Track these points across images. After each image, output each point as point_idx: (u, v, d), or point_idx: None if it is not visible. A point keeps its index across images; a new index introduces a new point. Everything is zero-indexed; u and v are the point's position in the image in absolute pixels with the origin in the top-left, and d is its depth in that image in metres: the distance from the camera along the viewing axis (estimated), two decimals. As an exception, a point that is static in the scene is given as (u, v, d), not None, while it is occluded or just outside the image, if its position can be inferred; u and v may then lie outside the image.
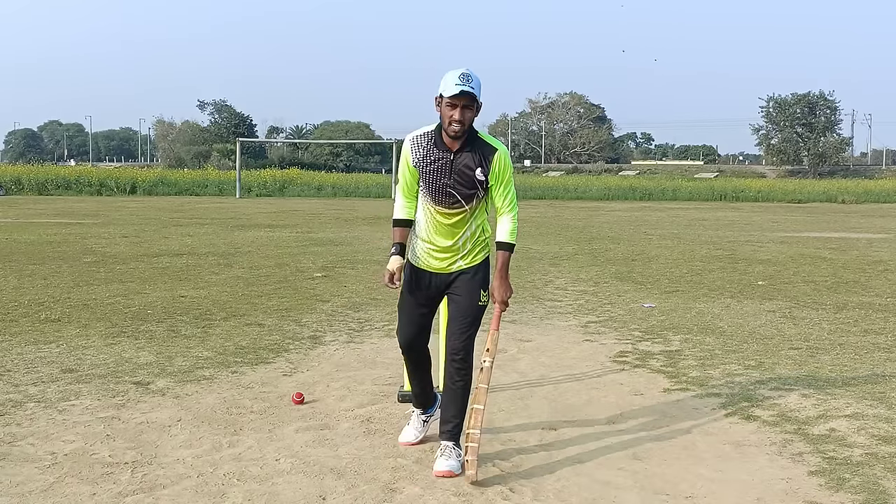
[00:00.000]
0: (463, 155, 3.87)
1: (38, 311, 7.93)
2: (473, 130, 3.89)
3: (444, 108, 3.80)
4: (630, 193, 42.66)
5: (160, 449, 4.24)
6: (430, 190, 3.93)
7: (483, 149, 3.89)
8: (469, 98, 3.75)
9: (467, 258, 4.06)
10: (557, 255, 13.77)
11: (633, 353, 6.53)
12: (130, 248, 13.80)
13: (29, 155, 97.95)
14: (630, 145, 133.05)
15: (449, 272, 4.05)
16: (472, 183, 3.88)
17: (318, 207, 29.40)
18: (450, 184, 3.88)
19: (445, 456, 3.96)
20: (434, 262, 4.06)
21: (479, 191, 3.91)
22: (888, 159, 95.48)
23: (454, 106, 3.76)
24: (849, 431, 4.58)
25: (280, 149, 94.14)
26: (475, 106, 3.82)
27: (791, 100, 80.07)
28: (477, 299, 4.04)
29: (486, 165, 3.87)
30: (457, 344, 4.00)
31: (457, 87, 3.73)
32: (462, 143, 3.87)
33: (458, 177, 3.87)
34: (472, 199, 3.94)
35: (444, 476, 3.89)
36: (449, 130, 3.82)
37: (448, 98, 3.76)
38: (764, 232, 19.64)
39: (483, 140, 3.92)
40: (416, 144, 3.95)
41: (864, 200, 41.11)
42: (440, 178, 3.89)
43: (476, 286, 4.04)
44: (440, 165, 3.89)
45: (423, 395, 4.34)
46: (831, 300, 9.11)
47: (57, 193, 37.81)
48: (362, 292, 9.34)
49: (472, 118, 3.83)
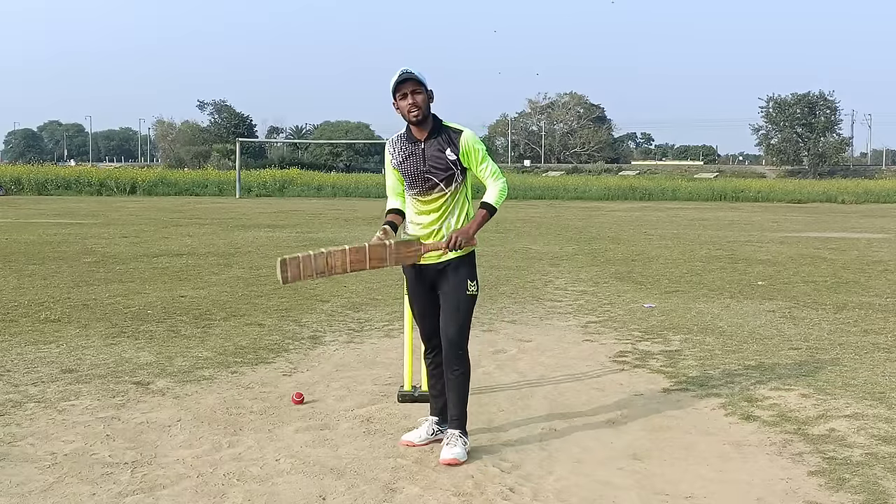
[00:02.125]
0: (431, 141, 4.16)
1: (38, 311, 7.93)
2: (438, 120, 4.19)
3: (399, 103, 4.09)
4: (630, 193, 42.63)
5: (160, 449, 4.24)
6: (411, 180, 4.19)
7: (449, 133, 4.17)
8: (413, 83, 4.05)
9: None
10: (557, 256, 13.77)
11: (633, 353, 6.53)
12: (130, 248, 13.80)
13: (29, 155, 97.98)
14: (630, 145, 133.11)
15: (438, 262, 4.21)
16: (446, 164, 4.13)
17: (318, 207, 29.41)
18: (425, 169, 4.15)
19: (451, 444, 4.09)
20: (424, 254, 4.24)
21: (454, 171, 4.15)
22: (888, 159, 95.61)
23: (404, 95, 4.06)
24: (849, 431, 4.58)
25: (280, 149, 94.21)
26: (424, 91, 4.07)
27: (791, 100, 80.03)
28: (465, 289, 4.22)
29: (454, 146, 4.14)
30: (451, 335, 4.19)
31: (399, 76, 4.05)
32: (429, 131, 4.15)
33: (432, 162, 4.14)
34: (451, 182, 4.17)
35: (449, 464, 3.99)
36: (410, 118, 4.10)
37: (397, 92, 4.06)
38: (764, 232, 19.64)
39: (448, 127, 4.20)
40: (392, 146, 4.27)
41: (863, 200, 41.09)
42: (417, 167, 4.16)
43: (463, 277, 4.23)
44: (414, 155, 4.17)
45: (442, 400, 4.37)
46: (831, 300, 9.11)
47: (57, 193, 37.81)
48: (362, 292, 9.34)
49: (426, 101, 4.09)
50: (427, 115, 4.11)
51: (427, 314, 4.33)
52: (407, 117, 4.10)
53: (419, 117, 4.07)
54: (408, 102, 4.05)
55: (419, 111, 4.06)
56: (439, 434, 4.36)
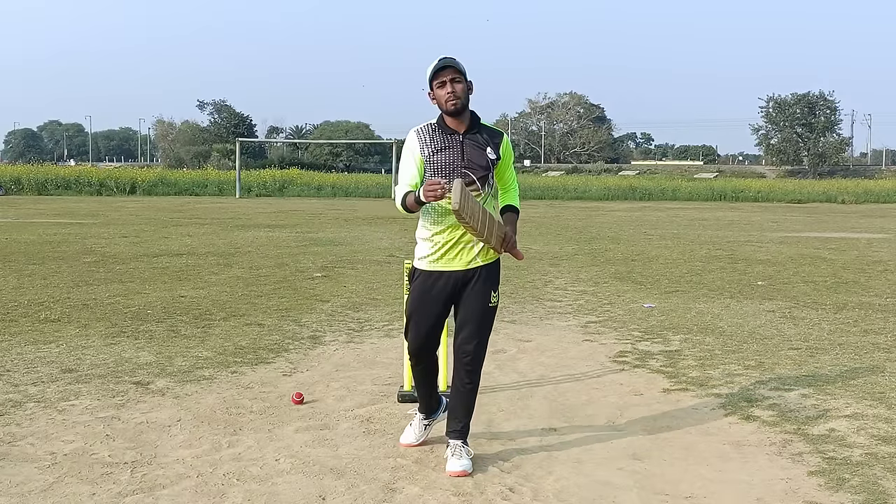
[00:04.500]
0: (471, 136, 3.94)
1: (37, 311, 7.93)
2: (476, 116, 3.98)
3: (437, 92, 3.87)
4: (630, 193, 42.63)
5: (160, 449, 4.24)
6: (443, 175, 3.88)
7: (490, 132, 4.00)
8: (453, 70, 3.83)
9: (484, 253, 4.00)
10: (557, 256, 13.77)
11: (633, 353, 6.53)
12: (130, 248, 13.79)
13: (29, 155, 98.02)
14: (630, 145, 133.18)
15: (466, 269, 3.98)
16: (486, 163, 3.94)
17: (318, 207, 29.40)
18: (464, 164, 3.91)
19: (457, 456, 3.99)
20: (452, 258, 3.98)
21: (490, 171, 3.96)
22: (888, 159, 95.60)
23: (443, 83, 3.84)
24: (849, 431, 4.58)
25: (280, 149, 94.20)
26: (464, 80, 3.87)
27: (791, 100, 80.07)
28: (488, 300, 4.00)
29: (495, 146, 3.97)
30: (468, 348, 3.98)
31: (439, 63, 3.83)
32: (468, 124, 3.95)
33: (472, 157, 3.92)
34: (485, 183, 3.96)
35: (458, 476, 3.91)
36: (448, 106, 3.86)
37: (435, 79, 3.85)
38: (764, 232, 19.64)
39: (488, 126, 4.02)
40: (422, 134, 3.96)
41: (863, 200, 41.09)
42: (453, 162, 3.91)
43: (487, 287, 4.00)
44: (451, 148, 3.92)
45: (429, 400, 4.32)
46: (831, 300, 9.11)
47: (57, 193, 37.79)
48: (362, 292, 9.34)
49: (466, 91, 3.88)
50: (466, 106, 3.90)
51: (428, 328, 4.05)
52: (445, 106, 3.86)
53: (457, 106, 3.84)
54: (447, 91, 3.82)
55: (458, 100, 3.83)
56: (432, 422, 4.35)
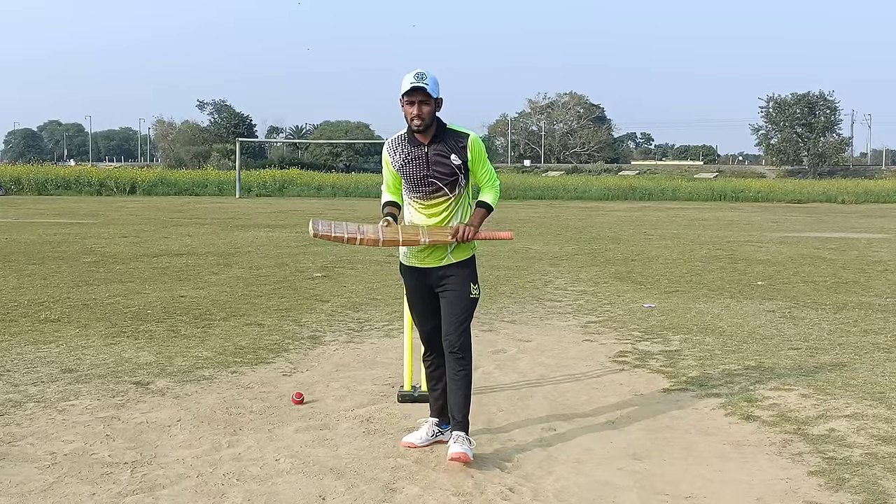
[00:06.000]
0: (436, 146, 4.11)
1: (37, 311, 7.93)
2: (442, 123, 4.15)
3: (405, 107, 4.06)
4: (630, 193, 42.66)
5: (160, 449, 4.24)
6: (413, 184, 4.16)
7: (455, 137, 4.14)
8: (422, 93, 4.00)
9: (457, 251, 4.20)
10: (557, 256, 13.77)
11: (633, 353, 6.53)
12: (130, 248, 13.80)
13: (29, 155, 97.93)
14: (630, 145, 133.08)
15: (439, 265, 4.18)
16: (451, 169, 4.11)
17: (317, 207, 29.40)
18: (430, 174, 4.11)
19: (459, 443, 4.05)
20: (425, 257, 4.21)
21: (459, 176, 4.13)
22: (888, 159, 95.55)
23: (412, 103, 4.02)
24: (848, 431, 4.58)
25: (280, 149, 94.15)
26: (432, 101, 4.03)
27: (791, 100, 79.98)
28: (468, 292, 4.19)
29: (459, 152, 4.11)
30: (453, 338, 4.16)
31: (409, 85, 3.99)
32: (432, 135, 4.12)
33: (437, 166, 4.11)
34: (455, 187, 4.15)
35: (458, 459, 3.96)
36: (412, 125, 4.07)
37: (405, 97, 4.02)
38: (764, 232, 19.64)
39: (453, 130, 4.16)
40: (391, 148, 4.22)
41: (863, 200, 41.10)
42: (420, 171, 4.12)
43: (466, 280, 4.20)
44: (418, 159, 4.13)
45: (442, 401, 4.35)
46: (831, 300, 9.11)
47: (57, 193, 37.82)
48: (362, 292, 9.34)
49: (431, 112, 4.06)
50: (430, 124, 4.08)
51: (428, 316, 4.30)
52: (410, 124, 4.08)
53: (420, 127, 4.05)
54: (413, 112, 4.01)
55: (422, 122, 4.03)
56: (440, 436, 4.35)
